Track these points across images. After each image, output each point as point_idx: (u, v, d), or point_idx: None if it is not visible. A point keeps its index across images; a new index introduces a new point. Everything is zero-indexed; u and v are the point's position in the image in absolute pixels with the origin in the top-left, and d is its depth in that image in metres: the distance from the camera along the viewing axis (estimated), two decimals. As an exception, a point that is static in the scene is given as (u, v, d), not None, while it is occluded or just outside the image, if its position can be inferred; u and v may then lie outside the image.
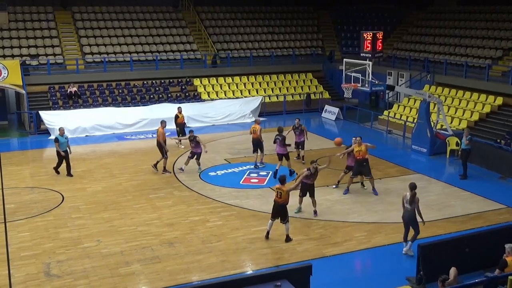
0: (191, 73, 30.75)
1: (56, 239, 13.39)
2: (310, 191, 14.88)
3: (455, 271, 9.74)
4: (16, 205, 15.77)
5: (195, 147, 18.76)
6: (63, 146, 18.11)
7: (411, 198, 12.20)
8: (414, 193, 12.22)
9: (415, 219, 12.35)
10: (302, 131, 19.50)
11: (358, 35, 29.88)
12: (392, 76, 30.28)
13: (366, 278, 12.10)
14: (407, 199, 12.28)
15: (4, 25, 29.73)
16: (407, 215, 12.41)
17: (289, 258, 12.43)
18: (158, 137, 18.76)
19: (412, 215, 12.32)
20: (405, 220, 12.51)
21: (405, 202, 12.37)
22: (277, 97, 30.63)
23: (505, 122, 22.68)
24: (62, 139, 18.11)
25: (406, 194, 12.32)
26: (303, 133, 19.58)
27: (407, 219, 12.43)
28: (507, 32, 27.77)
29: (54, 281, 11.38)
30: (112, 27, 32.35)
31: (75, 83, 27.64)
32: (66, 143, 18.25)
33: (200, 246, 13.05)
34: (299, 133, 19.53)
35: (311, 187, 14.84)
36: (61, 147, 18.05)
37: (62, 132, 18.43)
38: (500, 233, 12.19)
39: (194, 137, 18.66)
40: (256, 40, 34.90)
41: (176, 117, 22.42)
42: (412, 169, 19.46)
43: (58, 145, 17.99)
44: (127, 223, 14.46)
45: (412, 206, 12.25)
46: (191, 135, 18.75)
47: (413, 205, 12.24)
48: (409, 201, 12.23)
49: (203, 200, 16.19)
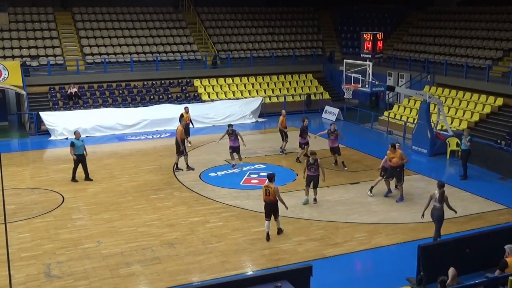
0: (191, 73, 30.77)
1: (57, 240, 13.40)
2: (314, 182, 15.61)
3: (454, 271, 9.72)
4: (16, 206, 15.77)
5: (233, 141, 18.95)
6: (80, 149, 17.64)
7: (440, 196, 12.58)
8: (443, 191, 12.61)
9: (443, 216, 12.74)
10: (337, 136, 19.03)
11: (358, 36, 29.90)
12: (392, 77, 30.30)
13: (366, 278, 12.10)
14: (436, 198, 12.62)
15: (5, 25, 29.73)
16: (436, 213, 12.74)
17: (289, 258, 12.43)
18: (177, 134, 18.81)
19: (441, 213, 12.70)
20: (434, 217, 12.83)
21: (433, 200, 12.69)
22: (277, 97, 30.64)
23: (505, 122, 22.68)
24: (78, 143, 17.65)
25: (435, 193, 12.67)
26: (338, 139, 19.13)
27: (436, 216, 12.76)
28: (507, 33, 27.78)
29: (55, 282, 11.38)
30: (112, 27, 32.37)
31: (76, 84, 27.66)
32: (83, 147, 17.77)
33: (201, 247, 13.05)
34: (334, 138, 19.05)
35: (314, 178, 15.54)
36: (77, 151, 17.58)
37: (78, 135, 17.97)
38: (500, 233, 12.20)
39: (232, 131, 18.92)
40: (256, 40, 34.91)
41: (181, 116, 22.07)
42: (412, 170, 19.42)
43: (73, 150, 17.52)
44: (128, 224, 14.46)
45: (441, 204, 12.62)
46: (230, 129, 18.97)
47: (442, 203, 12.61)
48: (438, 199, 12.60)
49: (203, 201, 16.19)
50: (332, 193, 16.84)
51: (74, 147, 17.57)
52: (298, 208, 15.52)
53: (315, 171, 15.49)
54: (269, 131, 26.14)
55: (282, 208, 13.53)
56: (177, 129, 18.95)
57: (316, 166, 15.47)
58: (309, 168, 15.50)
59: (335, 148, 19.25)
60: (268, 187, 13.17)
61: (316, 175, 15.56)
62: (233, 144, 19.00)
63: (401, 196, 16.25)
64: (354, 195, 16.72)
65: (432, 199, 12.74)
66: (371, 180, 17.62)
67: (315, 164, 15.44)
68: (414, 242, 12.49)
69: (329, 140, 19.25)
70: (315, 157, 15.47)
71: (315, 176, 15.57)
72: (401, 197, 16.25)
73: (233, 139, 18.95)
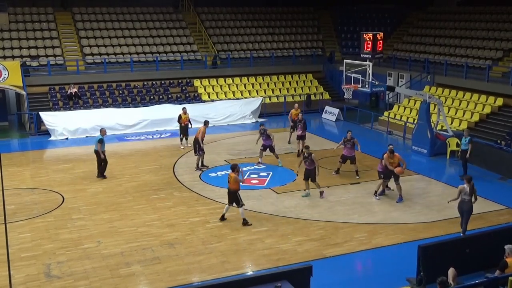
0: (191, 74, 30.76)
1: (57, 240, 13.40)
2: (310, 176, 16.06)
3: (453, 271, 9.73)
4: (16, 206, 15.77)
5: (266, 139, 19.29)
6: (104, 146, 18.19)
7: (470, 190, 13.10)
8: (473, 184, 13.16)
9: (472, 208, 13.28)
10: (354, 144, 18.17)
11: (358, 36, 29.89)
12: (392, 77, 30.31)
13: (366, 279, 12.11)
14: (466, 191, 13.13)
15: (5, 26, 29.73)
16: (466, 206, 13.24)
17: (289, 259, 12.43)
18: (198, 134, 19.05)
19: (470, 205, 13.21)
20: (463, 210, 13.29)
21: (463, 194, 13.19)
22: (277, 98, 30.64)
23: (505, 123, 22.68)
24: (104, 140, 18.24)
25: (465, 187, 13.15)
26: (354, 147, 18.23)
27: (466, 208, 13.26)
28: (507, 33, 27.78)
29: (55, 282, 11.39)
30: (112, 28, 32.37)
31: (76, 84, 27.66)
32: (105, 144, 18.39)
33: (201, 247, 13.05)
34: (351, 146, 18.20)
35: (310, 172, 16.01)
36: (102, 148, 18.08)
37: (104, 132, 18.55)
38: (500, 233, 12.22)
39: (264, 130, 19.34)
40: (256, 41, 34.91)
41: (180, 117, 22.21)
42: (412, 170, 19.43)
43: (100, 146, 17.96)
44: (128, 224, 14.46)
45: (470, 196, 13.15)
46: (262, 128, 19.38)
47: (471, 196, 13.16)
48: (469, 192, 13.11)
49: (203, 201, 16.19)
50: (332, 193, 16.84)
51: (102, 144, 18.02)
52: (298, 208, 15.53)
53: (310, 164, 15.95)
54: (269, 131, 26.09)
55: (280, 209, 13.53)
56: (199, 129, 19.28)
57: (310, 159, 15.92)
58: (305, 162, 16.00)
59: (352, 157, 18.21)
60: (229, 175, 14.29)
61: (312, 168, 15.99)
62: (266, 143, 19.42)
63: (400, 196, 16.24)
64: (354, 195, 16.72)
65: (462, 193, 13.17)
66: (371, 180, 17.65)
67: (309, 157, 15.90)
68: (414, 242, 12.49)
69: (345, 148, 18.28)
70: (309, 151, 16.08)
71: (312, 170, 16.00)
72: (400, 197, 16.23)
73: (265, 138, 19.41)
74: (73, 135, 24.28)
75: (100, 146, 18.03)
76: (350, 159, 18.26)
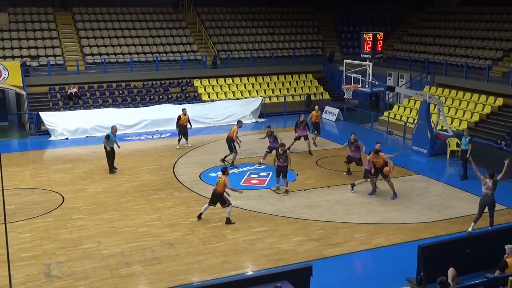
0: (191, 74, 30.76)
1: (57, 240, 13.40)
2: (282, 172, 16.62)
3: (453, 271, 9.73)
4: (16, 206, 15.77)
5: (273, 142, 19.39)
6: (111, 143, 18.80)
7: (493, 185, 13.47)
8: (496, 179, 13.53)
9: (495, 202, 13.63)
10: (358, 147, 18.01)
11: (358, 36, 29.89)
12: (392, 77, 30.31)
13: (366, 279, 12.11)
14: (489, 186, 13.46)
15: (5, 26, 29.72)
16: (489, 200, 13.55)
17: (289, 259, 12.43)
18: (231, 133, 19.34)
19: (493, 199, 13.56)
20: (486, 204, 13.59)
21: (485, 188, 13.53)
22: (277, 98, 30.64)
23: (505, 123, 22.67)
24: (113, 137, 18.84)
25: (487, 181, 13.49)
26: (359, 149, 18.04)
27: (489, 203, 13.56)
28: (507, 33, 27.78)
29: (55, 282, 11.39)
30: (112, 28, 32.37)
31: (76, 84, 27.66)
32: (114, 141, 18.97)
33: (201, 247, 13.05)
34: (355, 148, 18.08)
35: (282, 168, 16.58)
36: (110, 144, 18.73)
37: (115, 130, 19.24)
38: (500, 233, 12.22)
39: (271, 133, 19.49)
40: (256, 41, 34.91)
41: (179, 118, 22.13)
42: (412, 170, 19.46)
43: (106, 141, 18.64)
44: (128, 224, 14.46)
45: (493, 191, 13.51)
46: (269, 131, 19.54)
47: (494, 190, 13.52)
48: (492, 187, 13.46)
49: (203, 201, 16.12)
50: (332, 193, 16.85)
51: (108, 140, 18.64)
52: (298, 208, 15.53)
53: (283, 161, 16.47)
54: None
55: (280, 209, 13.52)
56: (232, 128, 19.56)
57: (285, 157, 16.43)
58: (279, 159, 16.49)
59: (357, 160, 18.13)
60: (219, 178, 14.39)
61: (284, 165, 16.51)
62: (272, 145, 19.44)
63: (394, 193, 16.41)
64: (354, 195, 16.71)
65: (484, 187, 13.51)
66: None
67: (284, 155, 16.41)
68: (414, 242, 12.50)
69: (350, 150, 18.29)
70: (284, 149, 16.59)
71: (284, 167, 16.53)
72: (394, 194, 16.39)
73: (272, 140, 19.45)
74: (73, 135, 24.28)
75: (105, 142, 18.67)
76: (356, 161, 18.21)
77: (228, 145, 19.53)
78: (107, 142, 18.67)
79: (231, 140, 19.34)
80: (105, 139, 18.77)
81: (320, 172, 19.05)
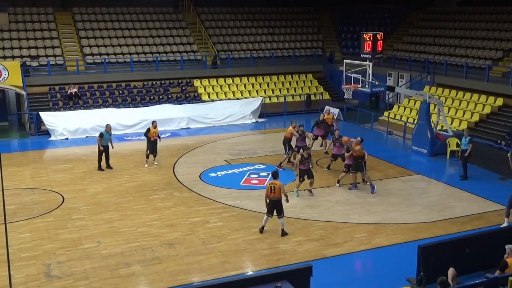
0: (191, 74, 30.76)
1: (57, 240, 13.40)
2: (308, 174, 16.42)
3: (453, 271, 9.72)
4: (16, 206, 15.77)
5: (301, 141, 19.34)
6: (106, 141, 19.09)
7: None
8: None
9: None
10: (342, 143, 18.13)
11: (358, 36, 29.89)
12: (392, 77, 30.30)
13: (366, 279, 12.11)
14: None
15: (5, 26, 29.73)
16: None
17: (289, 259, 12.43)
18: (287, 133, 19.44)
19: None
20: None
21: None
22: (277, 98, 30.64)
23: (505, 123, 22.67)
24: (106, 135, 19.09)
25: None
26: (343, 146, 18.01)
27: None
28: (507, 33, 27.78)
29: (55, 282, 11.38)
30: (112, 28, 32.37)
31: (76, 84, 27.65)
32: (109, 139, 19.23)
33: (201, 247, 13.05)
34: (340, 144, 18.33)
35: (308, 171, 16.39)
36: (104, 142, 19.02)
37: (109, 129, 19.35)
38: (500, 233, 12.20)
39: (303, 131, 19.47)
40: (256, 41, 34.91)
41: (148, 131, 19.74)
42: (412, 170, 19.46)
43: (100, 140, 18.89)
44: (128, 224, 14.46)
45: None
46: (301, 129, 19.48)
47: None
48: None
49: (203, 201, 16.19)
50: (332, 193, 16.85)
51: (102, 138, 18.91)
52: (298, 208, 15.53)
53: (308, 165, 16.42)
54: (269, 131, 26.16)
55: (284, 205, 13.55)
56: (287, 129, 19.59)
57: (309, 160, 16.45)
58: (304, 163, 16.28)
59: (342, 156, 18.10)
60: (273, 183, 13.33)
61: (309, 168, 16.49)
62: (300, 144, 19.27)
63: (371, 185, 16.88)
64: (354, 195, 16.72)
65: None
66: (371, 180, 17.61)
67: (309, 158, 16.35)
68: (414, 242, 12.49)
69: (335, 147, 18.65)
70: (309, 152, 16.45)
71: (309, 169, 16.49)
72: (372, 186, 16.86)
73: (301, 139, 19.41)
74: (73, 135, 24.27)
75: (99, 140, 18.90)
76: (341, 157, 18.40)
77: (284, 146, 19.58)
78: (101, 141, 18.91)
79: (288, 140, 19.39)
80: (98, 138, 18.99)
81: (320, 172, 19.04)
